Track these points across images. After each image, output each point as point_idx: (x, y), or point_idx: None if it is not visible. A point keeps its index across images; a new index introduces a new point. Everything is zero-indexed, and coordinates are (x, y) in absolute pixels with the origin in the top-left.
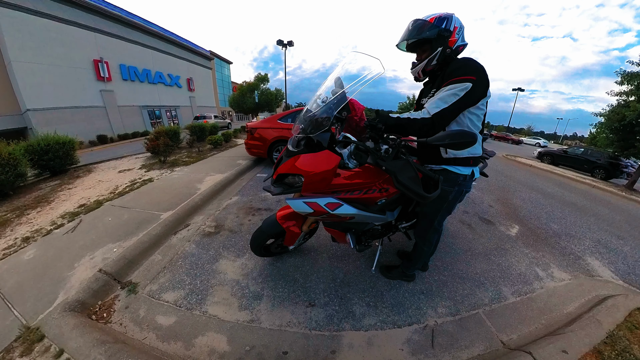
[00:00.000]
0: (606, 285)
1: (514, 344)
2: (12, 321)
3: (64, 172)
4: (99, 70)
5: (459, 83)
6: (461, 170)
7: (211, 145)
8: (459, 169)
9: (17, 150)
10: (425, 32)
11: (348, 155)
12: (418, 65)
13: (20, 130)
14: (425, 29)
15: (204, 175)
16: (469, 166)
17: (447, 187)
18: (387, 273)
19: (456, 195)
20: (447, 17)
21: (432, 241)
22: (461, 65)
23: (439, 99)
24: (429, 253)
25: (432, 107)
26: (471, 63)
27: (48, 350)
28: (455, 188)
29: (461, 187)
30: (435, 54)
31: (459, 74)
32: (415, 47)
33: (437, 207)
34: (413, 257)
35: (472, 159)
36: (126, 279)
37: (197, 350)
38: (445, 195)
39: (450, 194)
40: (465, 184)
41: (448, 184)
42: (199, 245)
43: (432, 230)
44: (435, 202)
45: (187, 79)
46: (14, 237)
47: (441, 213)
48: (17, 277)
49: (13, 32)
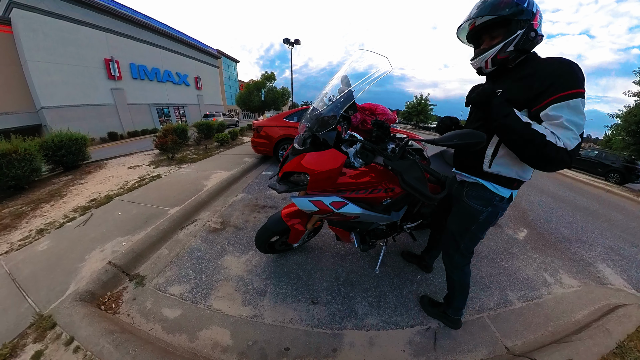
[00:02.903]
0: (617, 294)
1: (518, 350)
2: (26, 309)
3: (76, 168)
4: (110, 69)
5: (579, 98)
6: (499, 190)
7: (218, 143)
8: (497, 188)
9: (32, 146)
10: (504, 10)
11: (354, 154)
12: (488, 50)
13: (35, 127)
14: (503, 5)
15: (210, 172)
16: (510, 189)
17: (479, 205)
18: (429, 308)
19: (489, 217)
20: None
21: (460, 266)
22: (571, 72)
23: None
24: (464, 284)
25: (570, 136)
26: (577, 66)
27: (59, 338)
28: (489, 209)
29: (496, 209)
30: (515, 37)
31: (574, 84)
32: (482, 33)
33: (463, 226)
34: (450, 293)
35: (516, 182)
36: (134, 271)
37: (201, 343)
38: (475, 215)
39: (481, 214)
40: (502, 206)
41: (480, 202)
42: (205, 240)
43: (458, 254)
44: (462, 220)
45: (195, 78)
46: (29, 229)
47: (469, 235)
48: (32, 267)
49: (29, 32)
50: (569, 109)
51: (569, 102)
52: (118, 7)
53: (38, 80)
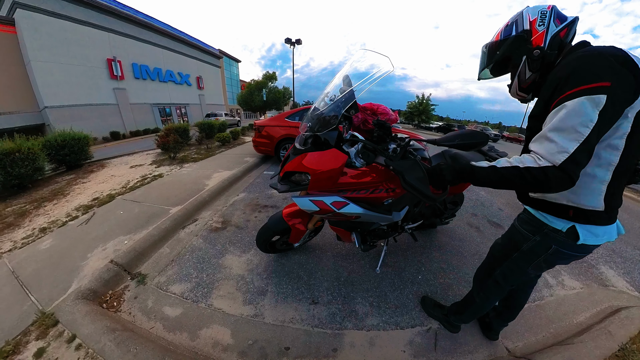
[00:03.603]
0: (620, 296)
1: (519, 351)
2: (29, 306)
3: (79, 167)
4: (112, 69)
5: (576, 98)
6: (549, 219)
7: (219, 143)
8: (545, 216)
9: (35, 146)
10: (496, 55)
11: (355, 154)
12: (511, 85)
13: (39, 126)
14: (495, 50)
15: (212, 172)
16: (566, 219)
17: (525, 230)
18: (429, 309)
19: (536, 248)
20: (514, 21)
21: (488, 295)
22: (576, 67)
23: (558, 132)
24: (481, 308)
25: (555, 150)
26: (595, 57)
27: (62, 335)
28: (537, 237)
29: (548, 241)
30: (523, 65)
31: (575, 82)
32: (500, 71)
33: (503, 251)
34: (463, 305)
35: (572, 210)
36: (136, 270)
37: (201, 342)
38: (518, 242)
39: (525, 242)
40: (559, 240)
41: (528, 227)
42: (206, 240)
43: (491, 280)
44: (505, 242)
45: (197, 77)
46: (32, 227)
47: (508, 263)
48: (35, 265)
49: (32, 32)
50: (560, 114)
51: (566, 105)
52: (120, 8)
53: (41, 80)
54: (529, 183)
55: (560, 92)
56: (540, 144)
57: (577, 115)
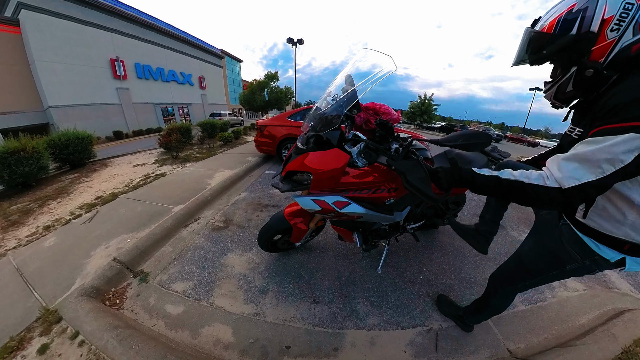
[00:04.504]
0: (624, 298)
1: (521, 353)
2: (33, 303)
3: (82, 166)
4: (116, 69)
5: (623, 134)
6: (601, 249)
7: (221, 142)
8: (598, 246)
9: (40, 145)
10: (539, 52)
11: (357, 154)
12: (548, 89)
13: (43, 125)
14: (540, 45)
15: (214, 171)
16: (620, 252)
17: (574, 250)
18: (444, 307)
19: (581, 270)
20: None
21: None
22: (635, 97)
23: (580, 162)
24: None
25: (567, 174)
26: None
27: (65, 332)
28: (587, 262)
29: (595, 266)
30: (568, 77)
31: (626, 115)
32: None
33: (540, 265)
34: (478, 307)
35: (629, 245)
36: (138, 268)
37: (203, 340)
38: (564, 261)
39: (572, 262)
40: (603, 267)
41: (577, 248)
42: (208, 238)
43: (512, 288)
44: (544, 257)
45: (199, 77)
46: (36, 225)
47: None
48: (39, 262)
49: (36, 33)
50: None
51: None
52: (123, 8)
53: (45, 79)
54: (529, 199)
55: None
56: (556, 165)
57: (610, 152)
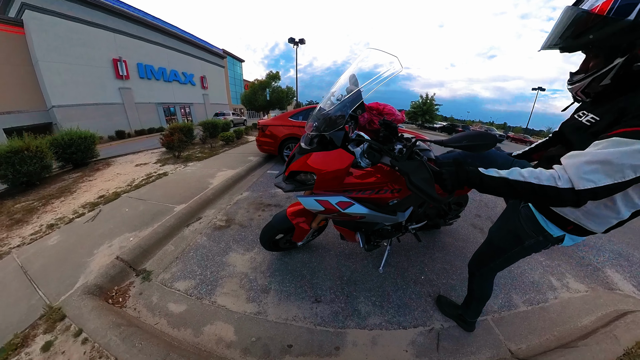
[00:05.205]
0: (626, 300)
1: (522, 354)
2: (37, 300)
3: (85, 165)
4: (118, 69)
5: None
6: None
7: (223, 142)
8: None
9: (43, 144)
10: (584, 36)
11: (361, 154)
12: (578, 80)
13: (47, 125)
14: (587, 27)
15: (216, 171)
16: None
17: (528, 227)
18: (445, 308)
19: (537, 246)
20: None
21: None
22: None
23: (602, 164)
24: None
25: (580, 175)
26: None
27: (68, 329)
28: (540, 237)
29: (546, 242)
30: (612, 68)
31: None
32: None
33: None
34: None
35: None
36: (141, 266)
37: (205, 338)
38: (522, 237)
39: (528, 239)
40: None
41: (531, 225)
42: (210, 237)
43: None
44: (507, 236)
45: (201, 77)
46: (40, 223)
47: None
48: (43, 260)
49: (40, 33)
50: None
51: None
52: (126, 8)
53: (49, 79)
54: (538, 198)
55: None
56: (574, 165)
57: (634, 158)
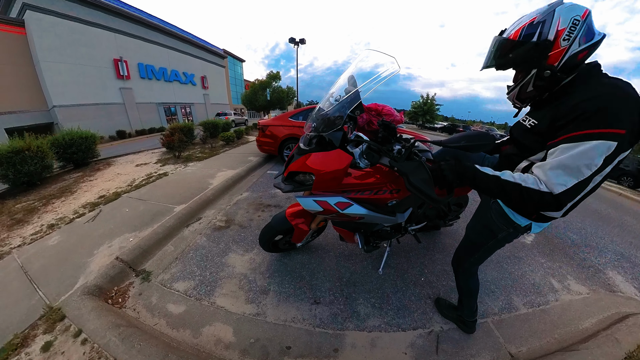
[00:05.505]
0: (628, 302)
1: (522, 357)
2: (37, 301)
3: (86, 165)
4: (119, 69)
5: (594, 141)
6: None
7: (223, 142)
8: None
9: (44, 144)
10: (506, 56)
11: (360, 155)
12: (511, 90)
13: (48, 125)
14: (507, 50)
15: (216, 171)
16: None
17: (500, 222)
18: (444, 310)
19: (509, 237)
20: (541, 22)
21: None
22: (604, 106)
23: (563, 169)
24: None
25: (552, 181)
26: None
27: (68, 330)
28: (510, 229)
29: (517, 233)
30: (530, 78)
31: (598, 122)
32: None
33: (480, 238)
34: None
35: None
36: (140, 267)
37: (204, 339)
38: (495, 231)
39: (500, 232)
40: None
41: (502, 219)
42: (210, 238)
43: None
44: (482, 231)
45: (201, 77)
46: (40, 223)
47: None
48: (43, 260)
49: (41, 33)
50: (572, 151)
51: (577, 144)
52: (127, 9)
53: (50, 79)
54: (524, 200)
55: (580, 127)
56: (544, 173)
57: (587, 157)
